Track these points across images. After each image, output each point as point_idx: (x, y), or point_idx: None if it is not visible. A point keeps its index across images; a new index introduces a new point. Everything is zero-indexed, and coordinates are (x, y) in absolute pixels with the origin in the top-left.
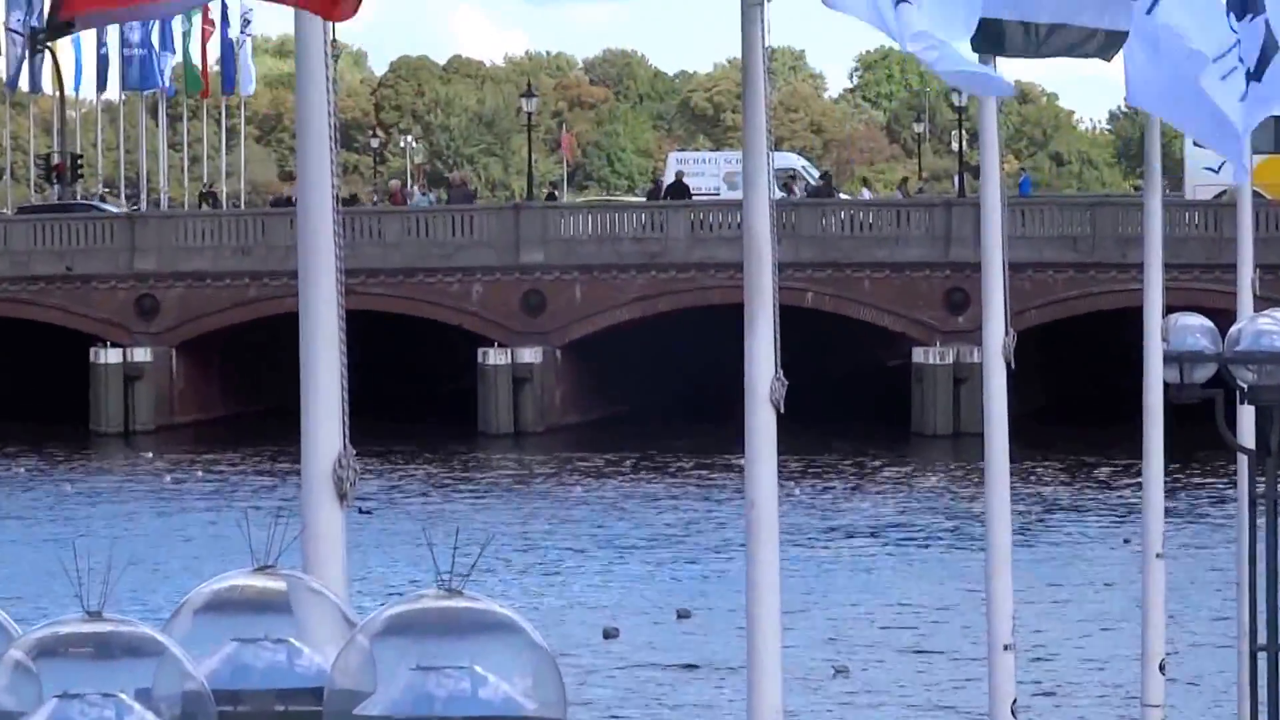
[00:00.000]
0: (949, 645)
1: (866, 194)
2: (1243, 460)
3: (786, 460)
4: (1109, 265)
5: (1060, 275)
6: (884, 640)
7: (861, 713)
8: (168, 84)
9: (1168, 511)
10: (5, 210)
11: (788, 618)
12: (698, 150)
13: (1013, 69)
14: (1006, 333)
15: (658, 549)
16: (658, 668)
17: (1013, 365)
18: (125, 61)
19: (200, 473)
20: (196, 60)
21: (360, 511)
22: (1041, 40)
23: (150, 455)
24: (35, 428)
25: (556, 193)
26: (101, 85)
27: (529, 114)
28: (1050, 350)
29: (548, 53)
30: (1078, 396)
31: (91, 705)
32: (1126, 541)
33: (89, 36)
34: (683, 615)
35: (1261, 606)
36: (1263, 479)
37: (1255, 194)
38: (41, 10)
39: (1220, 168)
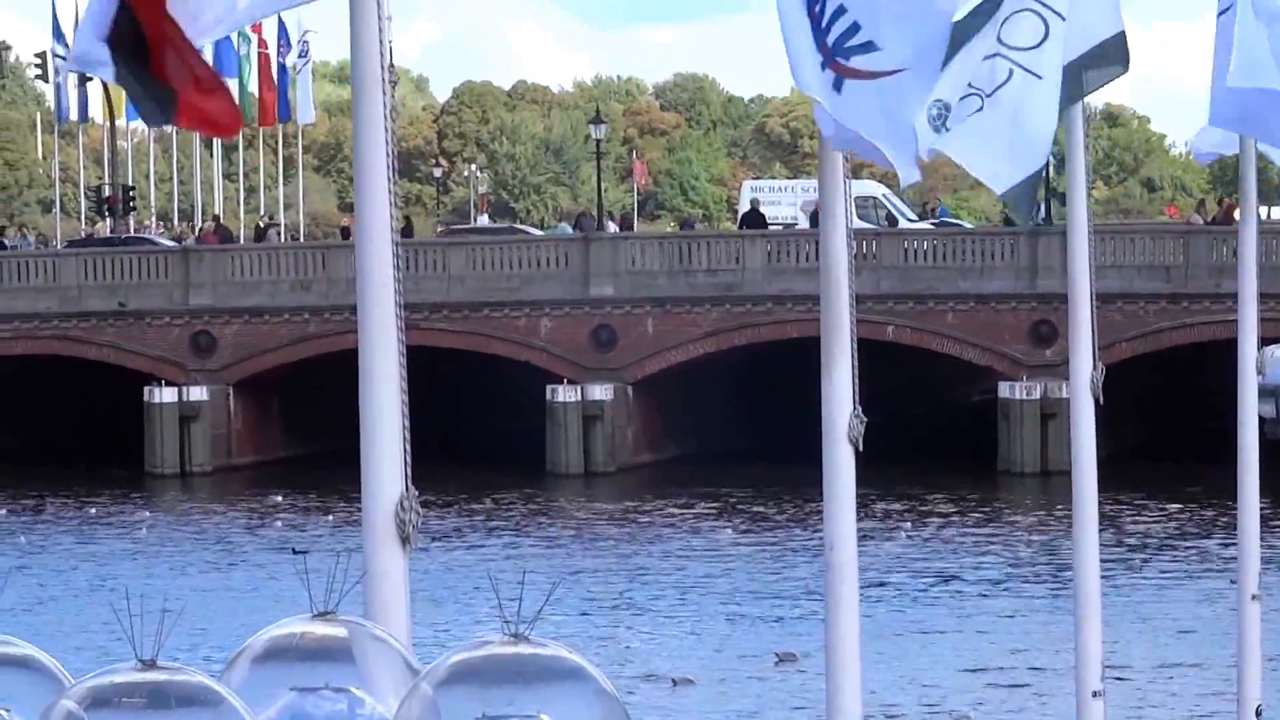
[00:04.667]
0: (1041, 690)
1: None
2: None
3: (869, 500)
4: (1202, 296)
5: (1152, 306)
6: (972, 686)
7: None
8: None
9: (1265, 552)
10: (55, 244)
11: (871, 661)
12: (774, 178)
13: (1101, 90)
14: (1095, 367)
15: (733, 594)
16: (734, 715)
17: (1101, 400)
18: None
19: (259, 515)
20: (253, 88)
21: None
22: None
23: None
24: (88, 470)
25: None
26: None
27: (598, 141)
28: (1142, 384)
29: (617, 77)
30: (1170, 432)
31: None
32: (1231, 584)
33: None
34: (785, 659)
35: None
36: None
37: None
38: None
39: None
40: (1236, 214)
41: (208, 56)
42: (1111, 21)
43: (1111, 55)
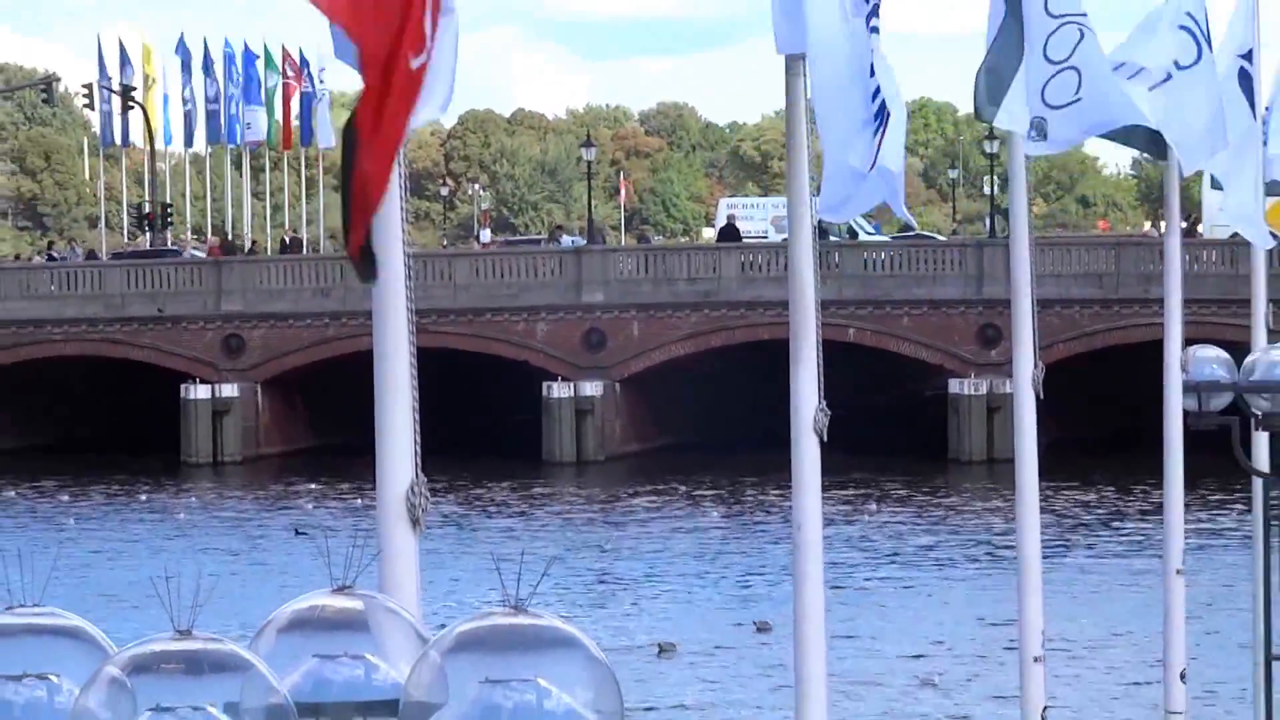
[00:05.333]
0: (989, 655)
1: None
2: (1258, 484)
3: (833, 485)
4: (1132, 301)
5: (1087, 310)
6: (930, 652)
7: None
8: (252, 135)
9: (1187, 532)
10: (101, 256)
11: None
12: (747, 196)
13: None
14: (1035, 365)
15: (711, 570)
16: (710, 681)
17: (1041, 395)
18: (208, 116)
19: (275, 500)
20: (279, 115)
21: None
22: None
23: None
24: (130, 459)
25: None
26: (188, 140)
27: (589, 163)
28: (1079, 381)
29: (606, 105)
30: (1103, 425)
31: (181, 719)
32: (1158, 558)
33: (174, 94)
34: (761, 628)
35: (1276, 619)
36: (1277, 501)
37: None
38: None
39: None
40: (1201, 228)
41: (237, 90)
42: None
43: None
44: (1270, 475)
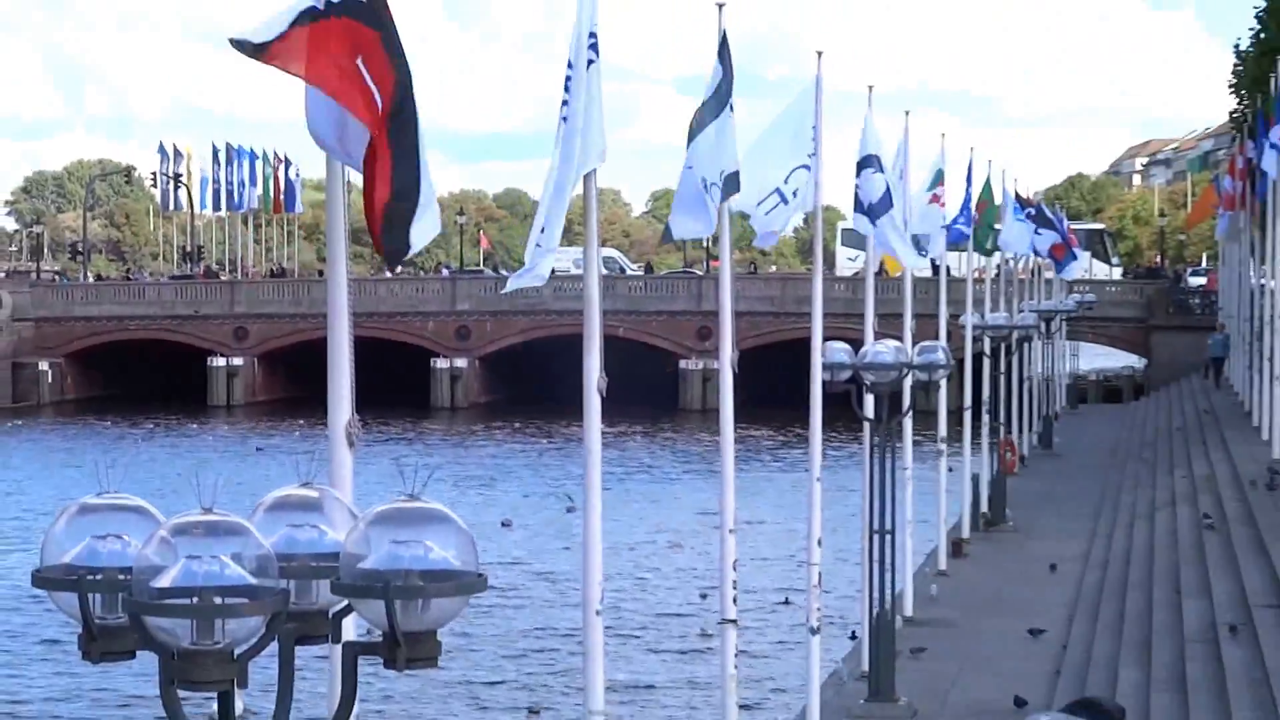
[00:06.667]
0: (700, 531)
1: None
2: (867, 426)
3: (609, 423)
4: (792, 313)
5: (764, 319)
6: (663, 525)
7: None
8: (253, 204)
9: (825, 455)
10: (160, 278)
11: (613, 516)
12: (560, 246)
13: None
14: (733, 351)
15: (535, 472)
16: (539, 549)
17: (736, 371)
18: (226, 192)
19: (270, 431)
20: (270, 192)
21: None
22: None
23: (247, 431)
24: (175, 403)
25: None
26: (216, 206)
27: (460, 224)
28: (759, 362)
29: (467, 190)
30: (775, 389)
31: (204, 563)
32: (805, 472)
33: (207, 178)
34: (570, 510)
35: (877, 508)
36: (876, 437)
37: (878, 273)
38: (171, 157)
39: (857, 258)
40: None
41: (244, 175)
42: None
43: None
44: (872, 420)
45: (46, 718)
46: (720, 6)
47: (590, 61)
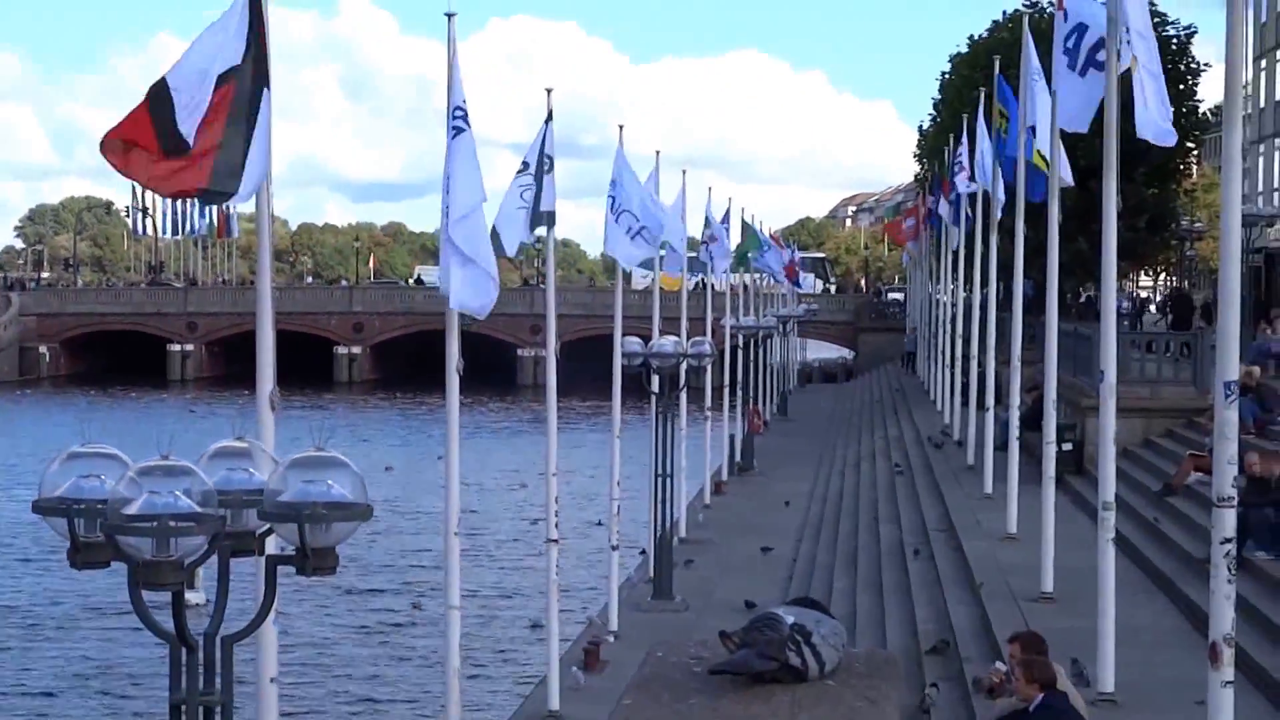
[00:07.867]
0: (520, 470)
1: None
2: (654, 398)
3: (466, 398)
4: (601, 315)
5: (579, 319)
6: (502, 469)
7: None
8: (202, 230)
9: (623, 419)
10: (135, 285)
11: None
12: (429, 266)
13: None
14: (557, 342)
15: (409, 432)
16: (412, 489)
17: (559, 357)
18: (181, 219)
19: (212, 400)
20: (215, 220)
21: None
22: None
23: (191, 401)
24: (140, 378)
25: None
26: (175, 231)
27: (356, 248)
28: (576, 352)
29: (361, 221)
30: (587, 372)
31: (162, 496)
32: (608, 431)
33: (166, 209)
34: (440, 457)
35: (660, 458)
36: (660, 406)
37: (663, 289)
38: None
39: (647, 276)
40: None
41: (196, 209)
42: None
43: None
44: (657, 394)
45: (43, 614)
46: (549, 91)
47: (459, 130)
